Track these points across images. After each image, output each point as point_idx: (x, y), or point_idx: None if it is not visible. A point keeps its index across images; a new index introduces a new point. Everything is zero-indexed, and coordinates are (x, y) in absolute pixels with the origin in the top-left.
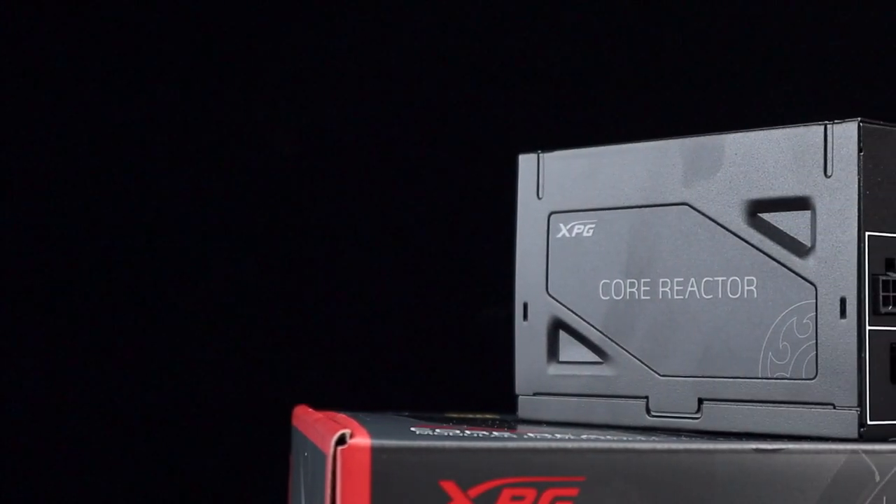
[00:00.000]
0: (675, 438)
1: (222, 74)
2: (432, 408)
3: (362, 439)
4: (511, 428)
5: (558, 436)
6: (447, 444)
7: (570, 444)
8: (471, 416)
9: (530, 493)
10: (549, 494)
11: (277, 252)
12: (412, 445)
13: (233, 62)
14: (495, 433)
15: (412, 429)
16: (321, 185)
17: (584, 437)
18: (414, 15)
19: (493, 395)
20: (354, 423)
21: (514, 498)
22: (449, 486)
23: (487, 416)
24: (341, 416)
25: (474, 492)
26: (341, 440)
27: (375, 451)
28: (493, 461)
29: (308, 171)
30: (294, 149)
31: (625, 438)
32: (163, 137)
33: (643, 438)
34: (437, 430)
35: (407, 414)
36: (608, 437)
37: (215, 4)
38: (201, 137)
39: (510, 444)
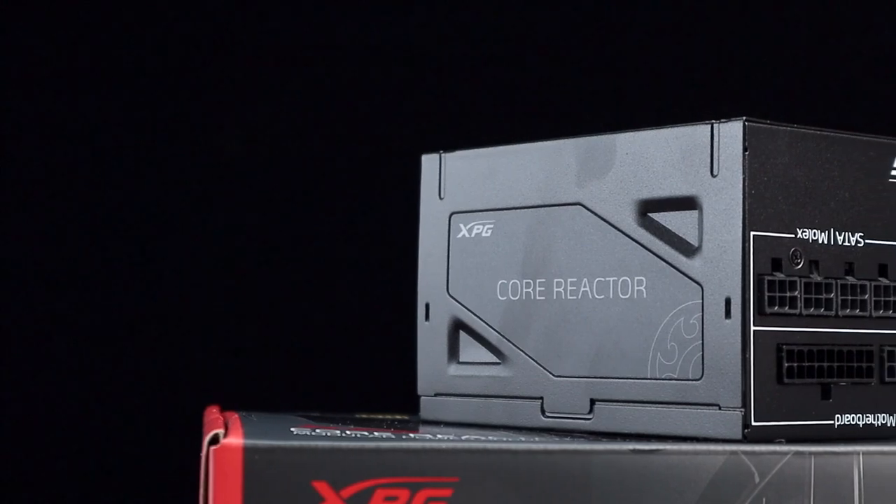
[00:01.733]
0: (554, 439)
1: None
2: (360, 409)
3: (235, 439)
4: (409, 429)
5: (436, 436)
6: (320, 444)
7: (443, 445)
8: (380, 416)
9: (403, 494)
10: (423, 495)
11: (210, 253)
12: (284, 445)
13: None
14: (377, 433)
15: (292, 429)
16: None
17: (457, 437)
18: (330, 18)
19: None
20: (237, 423)
21: (388, 498)
22: (321, 487)
23: (397, 417)
24: (233, 417)
25: (347, 492)
26: (214, 440)
27: (248, 451)
28: (365, 462)
29: (216, 172)
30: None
31: (499, 439)
32: (102, 137)
33: (520, 439)
34: (317, 431)
35: (305, 414)
36: (482, 437)
37: (163, 6)
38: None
39: (383, 445)
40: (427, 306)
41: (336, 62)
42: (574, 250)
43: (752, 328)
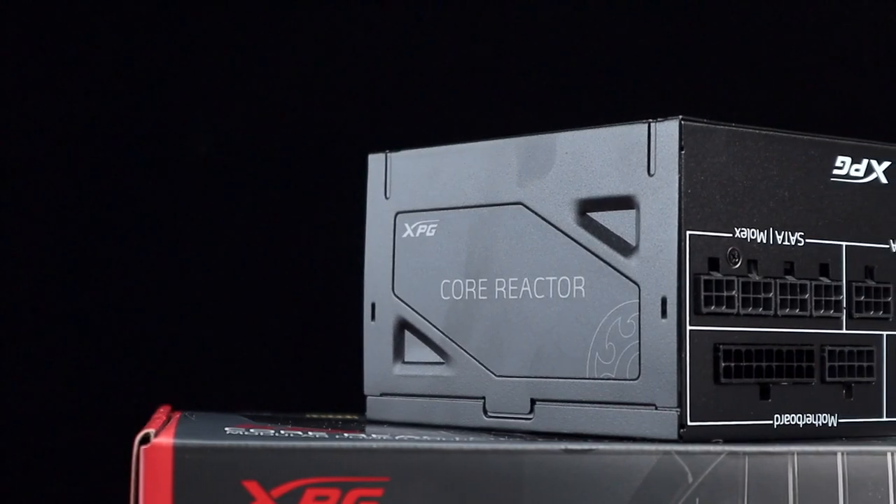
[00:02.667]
0: (489, 439)
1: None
2: (319, 409)
3: (165, 439)
4: (351, 429)
5: (369, 436)
6: (250, 443)
7: (373, 445)
8: (330, 416)
9: (334, 494)
10: (354, 495)
11: (167, 255)
12: (214, 445)
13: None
14: (311, 433)
15: (226, 429)
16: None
17: (389, 437)
18: (278, 21)
19: None
20: (174, 423)
21: (318, 498)
22: (252, 486)
23: (346, 417)
24: (175, 416)
25: (277, 492)
26: (145, 439)
27: (178, 451)
28: (295, 461)
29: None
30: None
31: (431, 438)
32: (72, 139)
33: (454, 439)
34: (251, 431)
35: (253, 414)
36: (414, 437)
37: (129, 7)
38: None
39: (314, 445)
40: (373, 306)
41: (288, 62)
42: (515, 250)
43: (689, 328)
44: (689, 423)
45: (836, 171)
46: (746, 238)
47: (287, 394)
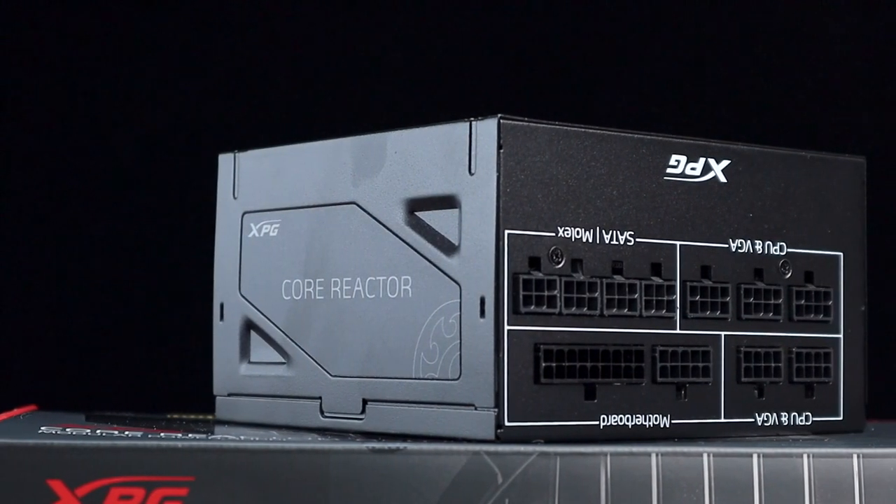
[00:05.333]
0: (294, 438)
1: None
2: (188, 410)
3: None
4: (194, 429)
5: (174, 436)
6: (55, 443)
7: (178, 444)
8: (192, 417)
9: (139, 493)
10: (158, 494)
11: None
12: (19, 444)
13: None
14: (125, 433)
15: (42, 428)
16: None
17: (193, 436)
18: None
19: None
20: None
21: (123, 497)
22: (56, 485)
23: (201, 417)
24: (10, 415)
25: (82, 491)
26: None
27: None
28: (100, 460)
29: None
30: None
31: (235, 438)
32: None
33: (253, 438)
34: (68, 430)
35: (97, 414)
36: (219, 436)
37: (57, 8)
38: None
39: (119, 444)
40: (222, 306)
41: (152, 61)
42: (349, 250)
43: (507, 327)
44: (506, 424)
45: (669, 170)
46: (571, 237)
47: (161, 394)
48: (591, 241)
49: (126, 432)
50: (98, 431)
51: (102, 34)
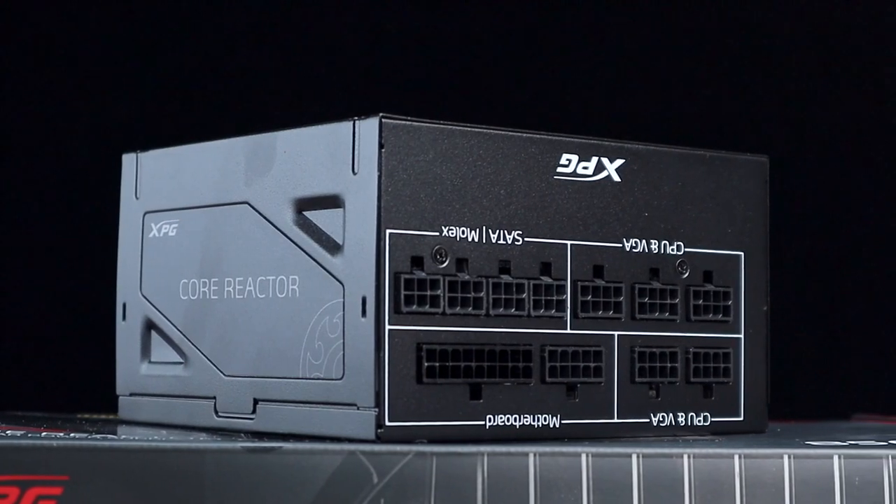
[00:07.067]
0: (171, 438)
1: None
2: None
3: None
4: (86, 429)
5: (44, 434)
6: None
7: (53, 443)
8: (104, 416)
9: (13, 492)
10: (33, 493)
11: None
12: None
13: None
14: (10, 431)
15: None
16: None
17: (68, 435)
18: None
19: None
20: None
21: None
22: None
23: (110, 416)
24: None
25: None
26: None
27: None
28: None
29: None
30: None
31: (112, 437)
32: None
33: (137, 437)
34: None
35: (9, 414)
36: (94, 436)
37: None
38: None
39: None
40: (124, 306)
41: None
42: (242, 250)
43: (388, 327)
44: (387, 424)
45: (560, 169)
46: (455, 237)
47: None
48: (476, 240)
49: (7, 431)
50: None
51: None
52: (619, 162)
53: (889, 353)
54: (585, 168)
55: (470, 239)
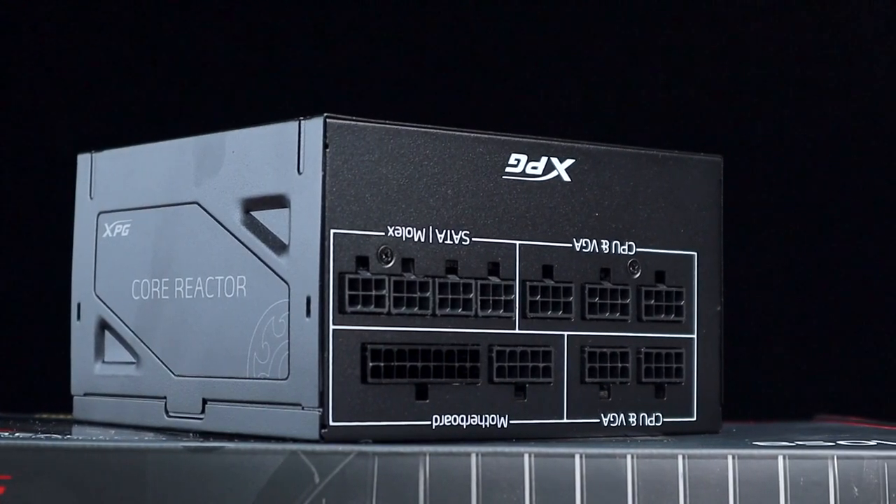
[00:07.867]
0: (115, 438)
1: None
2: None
3: None
4: (33, 430)
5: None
6: None
7: None
8: (62, 416)
9: None
10: None
11: None
12: None
13: None
14: None
15: None
16: None
17: (12, 435)
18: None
19: None
20: None
21: None
22: None
23: (69, 416)
24: None
25: None
26: None
27: None
28: None
29: None
30: None
31: (54, 436)
32: None
33: (81, 437)
34: None
35: None
36: (39, 436)
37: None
38: None
39: None
40: (79, 306)
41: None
42: (191, 250)
43: (332, 327)
44: (331, 424)
45: (509, 169)
46: (401, 237)
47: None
48: (423, 240)
49: None
50: None
51: None
52: (569, 162)
53: (858, 353)
54: (535, 168)
55: (416, 239)
